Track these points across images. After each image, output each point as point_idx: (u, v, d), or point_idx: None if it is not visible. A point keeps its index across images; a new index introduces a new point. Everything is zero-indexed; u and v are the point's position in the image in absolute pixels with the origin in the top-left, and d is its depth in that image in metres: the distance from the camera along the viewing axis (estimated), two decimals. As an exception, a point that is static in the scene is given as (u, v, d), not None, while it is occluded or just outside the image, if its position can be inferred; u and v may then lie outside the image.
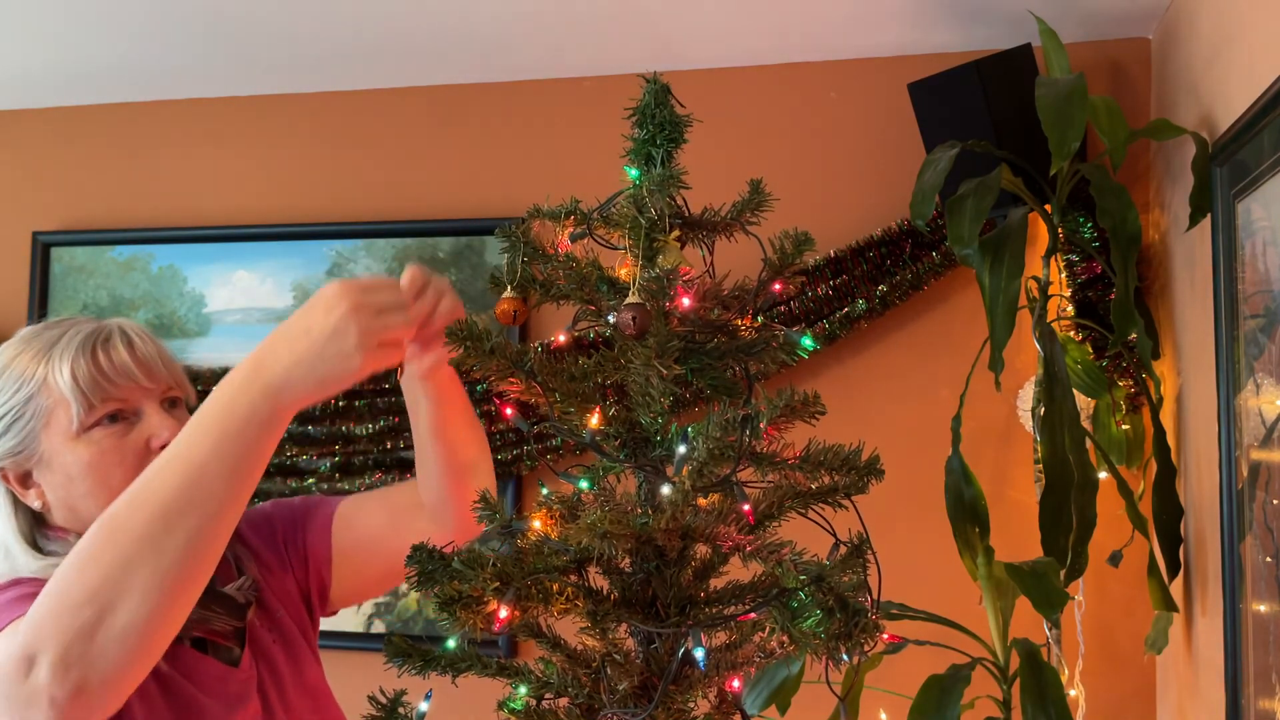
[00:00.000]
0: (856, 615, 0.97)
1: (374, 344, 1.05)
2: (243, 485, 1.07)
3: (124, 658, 1.02)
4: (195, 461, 1.05)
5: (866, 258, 2.49)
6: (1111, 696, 2.40)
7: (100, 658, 1.00)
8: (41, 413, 1.26)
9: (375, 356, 1.06)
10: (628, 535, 0.99)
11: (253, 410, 1.06)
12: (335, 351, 1.04)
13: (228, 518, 1.07)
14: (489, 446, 1.42)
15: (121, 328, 1.32)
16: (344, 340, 1.04)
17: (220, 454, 1.05)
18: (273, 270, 2.92)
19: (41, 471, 1.28)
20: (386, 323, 1.07)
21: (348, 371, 1.05)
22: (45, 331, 1.30)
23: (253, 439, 1.06)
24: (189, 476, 1.05)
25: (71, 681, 1.00)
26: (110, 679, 1.02)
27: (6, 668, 1.02)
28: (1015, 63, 2.29)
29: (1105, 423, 2.36)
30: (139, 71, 2.82)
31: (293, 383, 1.05)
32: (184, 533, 1.03)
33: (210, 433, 1.06)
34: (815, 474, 1.06)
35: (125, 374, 1.28)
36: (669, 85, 1.09)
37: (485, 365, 1.05)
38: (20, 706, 1.02)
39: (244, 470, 1.06)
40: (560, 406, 1.06)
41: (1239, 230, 1.81)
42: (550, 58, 2.69)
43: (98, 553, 1.03)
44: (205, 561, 1.06)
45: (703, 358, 1.08)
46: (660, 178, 1.06)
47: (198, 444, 1.06)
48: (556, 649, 1.12)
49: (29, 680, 1.00)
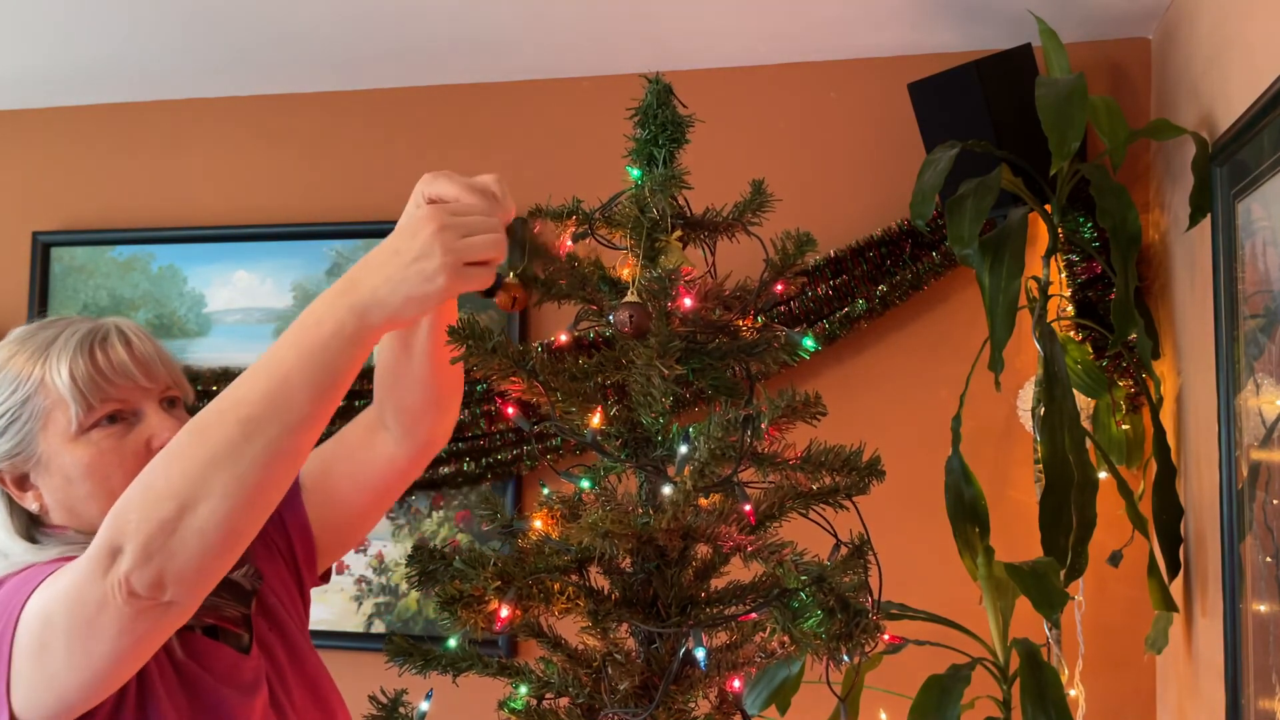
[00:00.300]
0: (857, 616, 0.97)
1: (459, 265, 1.05)
2: (324, 401, 1.07)
3: (200, 556, 1.04)
4: (280, 373, 1.06)
5: (866, 258, 2.49)
6: (1111, 696, 2.40)
7: (179, 552, 1.03)
8: (39, 414, 1.25)
9: (460, 278, 1.05)
10: (629, 535, 0.99)
11: (339, 326, 1.06)
12: (418, 272, 1.04)
13: (308, 432, 1.08)
14: None
15: (119, 327, 1.31)
16: (428, 261, 1.04)
17: (304, 367, 1.06)
18: (273, 270, 2.92)
19: (39, 474, 1.27)
20: (472, 245, 1.05)
21: (431, 292, 1.05)
22: (40, 331, 1.29)
23: (337, 354, 1.06)
24: (273, 387, 1.06)
25: (151, 571, 1.03)
26: (185, 575, 1.05)
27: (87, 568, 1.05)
28: (1015, 63, 2.29)
29: (1105, 423, 2.36)
30: (139, 71, 2.82)
31: (379, 301, 1.06)
32: (264, 441, 1.05)
33: (297, 345, 1.07)
34: (816, 475, 1.06)
35: (124, 374, 1.27)
36: (671, 85, 1.10)
37: (487, 364, 1.05)
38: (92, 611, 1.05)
39: (326, 385, 1.07)
40: (562, 406, 1.06)
41: (1239, 230, 1.81)
42: (550, 58, 2.69)
43: (184, 453, 1.06)
44: (282, 472, 1.08)
45: (704, 358, 1.08)
46: (662, 178, 1.06)
47: (284, 356, 1.07)
48: (557, 649, 1.12)
49: (112, 571, 1.03)
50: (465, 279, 1.05)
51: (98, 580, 1.04)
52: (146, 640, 1.09)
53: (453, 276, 1.04)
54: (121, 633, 1.06)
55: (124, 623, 1.05)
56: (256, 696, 1.29)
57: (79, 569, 1.07)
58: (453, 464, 2.66)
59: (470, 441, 2.66)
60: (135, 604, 1.04)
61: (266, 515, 1.10)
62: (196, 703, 1.24)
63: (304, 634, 1.43)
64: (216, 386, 2.76)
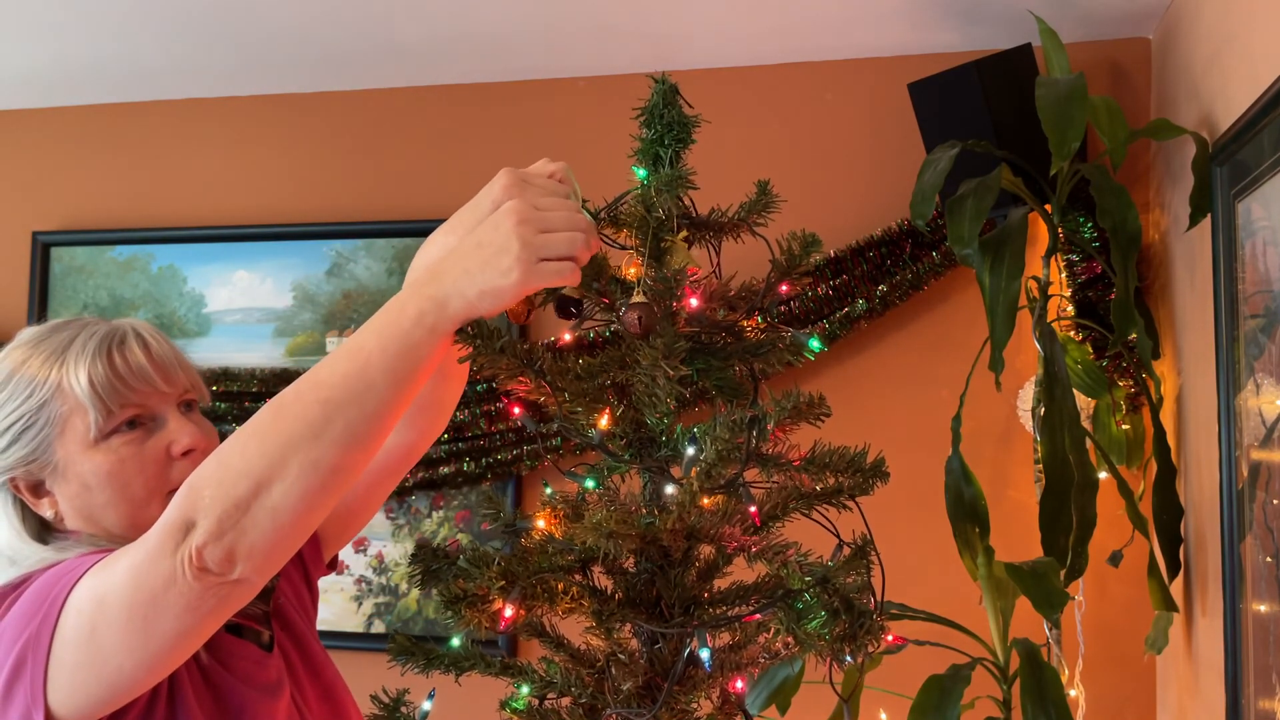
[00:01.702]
0: (861, 617, 0.97)
1: (534, 260, 1.04)
2: (402, 389, 1.07)
3: (272, 534, 1.04)
4: (361, 358, 1.06)
5: (866, 258, 2.49)
6: (1111, 696, 2.40)
7: (251, 529, 1.03)
8: (56, 420, 1.22)
9: (536, 273, 1.04)
10: (633, 535, 0.99)
11: (420, 315, 1.06)
12: (495, 266, 1.04)
13: (386, 418, 1.07)
14: None
15: (136, 329, 1.29)
16: (506, 255, 1.04)
17: (384, 353, 1.05)
18: (273, 270, 2.92)
19: (56, 481, 1.24)
20: (549, 241, 1.05)
21: (505, 286, 1.04)
22: (55, 334, 1.27)
23: (417, 342, 1.05)
24: (353, 371, 1.06)
25: (224, 547, 1.02)
26: (256, 552, 1.04)
27: (157, 543, 1.04)
28: (1015, 63, 2.29)
29: (1105, 423, 2.36)
30: (138, 71, 2.82)
31: (459, 292, 1.05)
32: (343, 424, 1.04)
33: (380, 333, 1.06)
34: (820, 475, 1.06)
35: (143, 378, 1.25)
36: (677, 85, 1.10)
37: (495, 364, 1.05)
38: (159, 587, 1.03)
39: (404, 373, 1.06)
40: (569, 406, 1.06)
41: (1239, 230, 1.81)
42: (550, 58, 2.69)
43: (262, 430, 1.05)
44: (358, 456, 1.07)
45: (709, 358, 1.08)
46: (669, 178, 1.06)
47: (366, 341, 1.07)
48: (560, 649, 1.12)
49: (183, 546, 1.02)
50: (541, 275, 1.04)
51: (166, 556, 1.03)
52: (209, 620, 1.07)
53: (528, 271, 1.03)
54: (187, 609, 1.04)
55: (191, 598, 1.04)
56: (279, 698, 1.28)
57: (144, 547, 1.05)
58: (453, 464, 2.66)
59: (470, 441, 2.66)
60: (204, 580, 1.03)
61: (338, 499, 1.09)
62: (222, 704, 1.23)
63: (314, 635, 1.43)
64: (216, 386, 2.76)
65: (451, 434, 2.65)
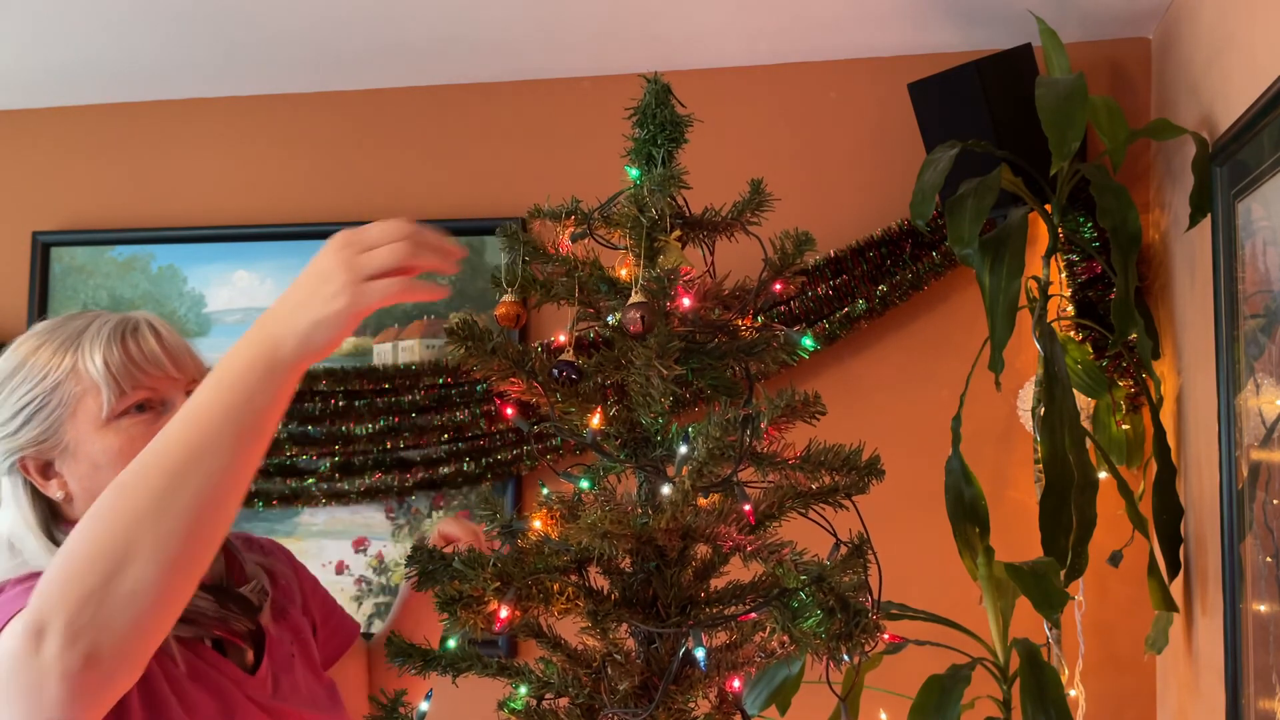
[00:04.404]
0: (857, 615, 0.97)
1: (359, 281, 1.03)
2: (248, 442, 1.04)
3: (134, 623, 0.99)
4: (202, 417, 1.04)
5: (866, 258, 2.49)
6: (1111, 696, 2.40)
7: (110, 622, 0.98)
8: (69, 400, 1.25)
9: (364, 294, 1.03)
10: (628, 535, 0.99)
11: (253, 360, 1.04)
12: (321, 295, 1.03)
13: (235, 477, 1.04)
14: None
15: (148, 319, 1.32)
16: (330, 281, 1.03)
17: (224, 406, 1.04)
18: (273, 270, 2.92)
19: (65, 461, 1.27)
20: (371, 258, 1.04)
21: (332, 313, 1.02)
22: (69, 323, 1.31)
23: (254, 389, 1.04)
24: (195, 433, 1.03)
25: (81, 649, 0.98)
26: (121, 646, 0.99)
27: (15, 647, 0.99)
28: (1015, 63, 2.29)
29: (1105, 423, 2.35)
30: (138, 71, 2.82)
31: (291, 330, 1.04)
32: (191, 490, 1.01)
33: (217, 386, 1.05)
34: (816, 474, 1.06)
35: (155, 363, 1.28)
36: (670, 85, 1.09)
37: (487, 365, 1.05)
38: (32, 691, 0.99)
39: (248, 424, 1.04)
40: (561, 407, 1.06)
41: (1239, 230, 1.81)
42: (550, 58, 2.69)
43: (106, 514, 1.02)
44: (214, 516, 1.04)
45: (703, 358, 1.08)
46: (661, 177, 1.06)
47: (204, 399, 1.05)
48: (557, 649, 1.12)
49: (39, 654, 0.98)
50: (369, 294, 1.03)
51: (29, 660, 0.98)
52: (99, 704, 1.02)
53: (356, 292, 1.02)
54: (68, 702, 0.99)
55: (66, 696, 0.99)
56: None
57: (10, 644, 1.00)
58: (453, 464, 2.66)
59: (470, 441, 2.66)
60: (70, 683, 0.98)
61: (201, 572, 1.05)
62: (224, 708, 1.24)
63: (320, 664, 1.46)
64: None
65: (452, 434, 2.65)
